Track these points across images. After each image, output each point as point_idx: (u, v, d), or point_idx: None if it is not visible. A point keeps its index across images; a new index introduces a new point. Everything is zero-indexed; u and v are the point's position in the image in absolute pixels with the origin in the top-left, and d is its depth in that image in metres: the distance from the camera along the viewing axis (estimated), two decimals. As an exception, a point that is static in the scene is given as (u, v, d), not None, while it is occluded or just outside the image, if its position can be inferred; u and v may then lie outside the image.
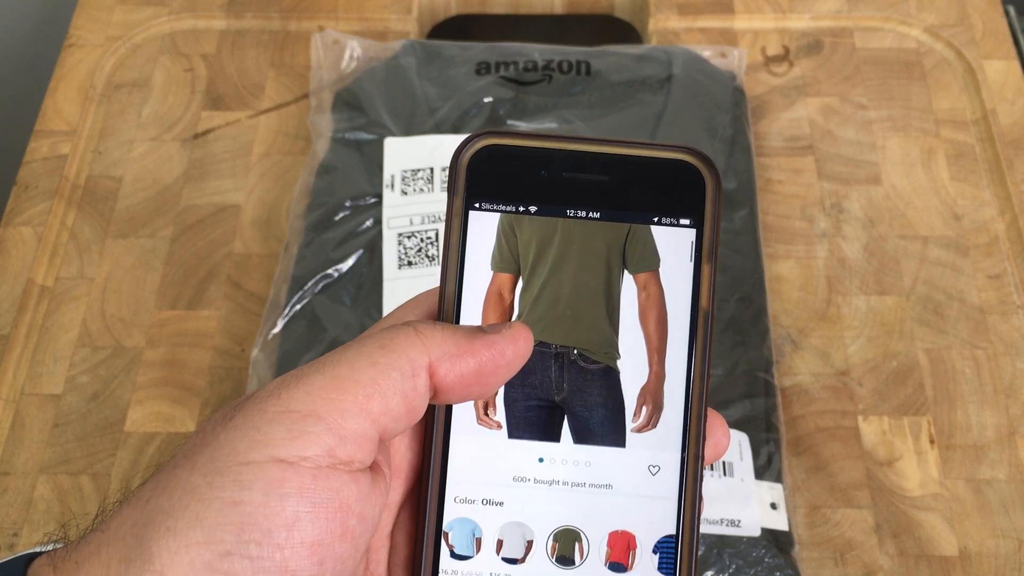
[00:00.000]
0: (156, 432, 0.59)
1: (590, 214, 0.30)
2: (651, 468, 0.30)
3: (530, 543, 0.30)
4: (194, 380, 0.61)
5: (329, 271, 0.61)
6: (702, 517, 0.30)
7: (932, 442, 0.58)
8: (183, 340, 0.62)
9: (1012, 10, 0.77)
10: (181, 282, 0.65)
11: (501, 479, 0.30)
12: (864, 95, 0.72)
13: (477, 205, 0.30)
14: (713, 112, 0.68)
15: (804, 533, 0.55)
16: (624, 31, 0.82)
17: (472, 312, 0.30)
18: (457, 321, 0.30)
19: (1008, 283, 0.64)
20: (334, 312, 0.60)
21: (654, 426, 0.30)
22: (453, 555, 0.29)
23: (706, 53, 0.71)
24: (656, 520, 0.30)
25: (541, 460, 0.30)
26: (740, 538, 0.53)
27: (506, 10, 0.81)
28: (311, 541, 0.25)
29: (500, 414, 0.30)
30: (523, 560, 0.30)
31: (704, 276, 0.30)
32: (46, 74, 0.75)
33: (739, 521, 0.54)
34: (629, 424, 0.30)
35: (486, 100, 0.68)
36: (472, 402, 0.30)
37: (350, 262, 0.62)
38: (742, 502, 0.54)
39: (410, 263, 0.62)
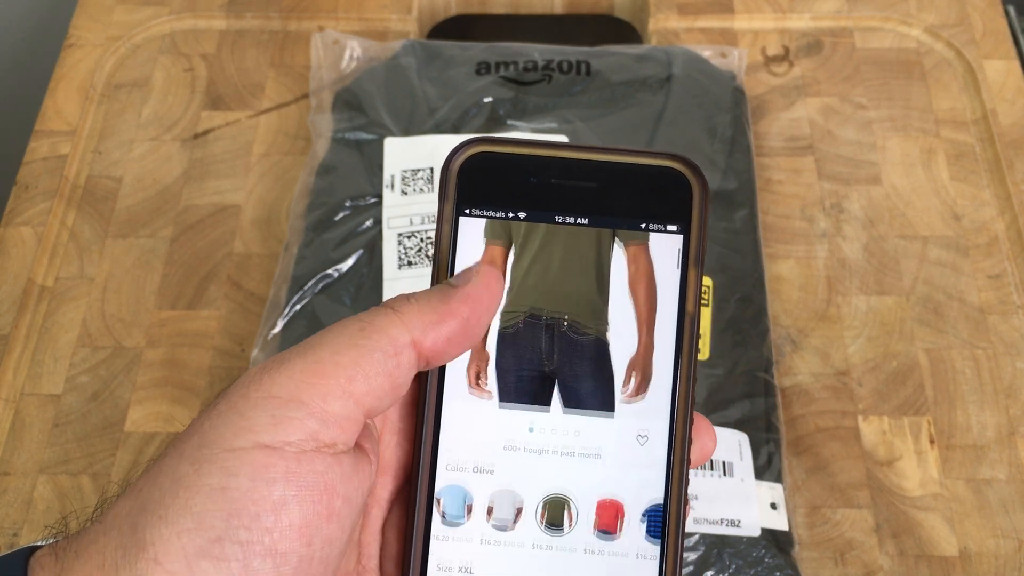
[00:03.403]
0: (156, 432, 0.59)
1: (578, 220, 0.31)
2: (639, 437, 0.30)
3: (520, 510, 0.30)
4: (194, 380, 0.61)
5: (329, 271, 0.61)
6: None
7: (932, 442, 0.58)
8: (183, 340, 0.62)
9: (1012, 10, 0.77)
10: (181, 282, 0.65)
11: (492, 447, 0.30)
12: (864, 95, 0.72)
13: (467, 211, 0.31)
14: (713, 112, 0.68)
15: (804, 533, 0.55)
16: (624, 31, 0.82)
17: None
18: None
19: (1008, 283, 0.64)
20: (334, 312, 0.60)
21: (643, 396, 0.30)
22: (444, 521, 0.30)
23: (706, 53, 0.71)
24: (644, 488, 0.30)
25: (531, 429, 0.30)
26: (740, 538, 0.53)
27: (506, 10, 0.81)
28: (299, 524, 0.25)
29: (492, 383, 0.30)
30: (513, 526, 0.30)
31: (690, 281, 0.31)
32: (46, 74, 0.75)
33: (739, 521, 0.54)
34: (618, 394, 0.30)
35: (486, 100, 0.68)
36: (464, 372, 0.30)
37: (350, 262, 0.62)
38: (742, 502, 0.54)
39: (410, 263, 0.62)
